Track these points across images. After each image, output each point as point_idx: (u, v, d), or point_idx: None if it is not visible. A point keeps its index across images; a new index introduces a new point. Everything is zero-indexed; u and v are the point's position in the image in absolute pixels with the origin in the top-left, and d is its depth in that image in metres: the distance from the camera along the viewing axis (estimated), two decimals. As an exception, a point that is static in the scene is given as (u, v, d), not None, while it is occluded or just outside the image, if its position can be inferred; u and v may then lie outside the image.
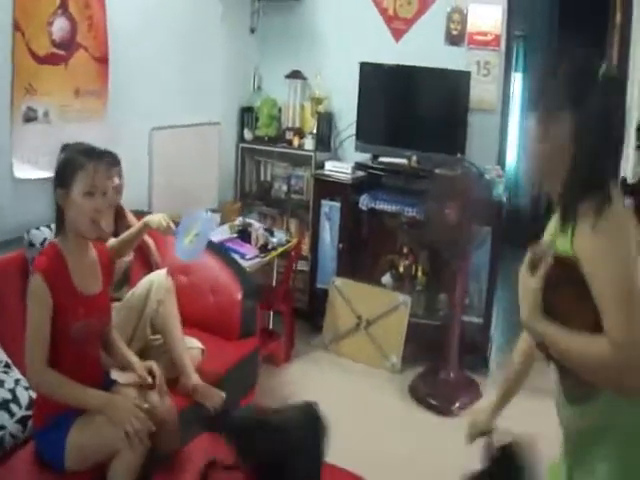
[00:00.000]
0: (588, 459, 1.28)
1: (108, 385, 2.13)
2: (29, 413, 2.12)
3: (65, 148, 2.05)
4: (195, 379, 2.53)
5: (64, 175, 1.98)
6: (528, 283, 1.26)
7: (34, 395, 2.13)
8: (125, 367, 2.21)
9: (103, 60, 3.09)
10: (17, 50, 2.65)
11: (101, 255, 2.15)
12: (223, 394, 2.59)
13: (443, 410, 3.41)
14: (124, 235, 2.51)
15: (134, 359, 2.23)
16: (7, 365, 2.23)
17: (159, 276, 2.62)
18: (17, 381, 2.20)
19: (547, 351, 1.28)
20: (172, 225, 2.50)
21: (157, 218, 2.49)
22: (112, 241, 2.48)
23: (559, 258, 1.24)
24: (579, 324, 1.20)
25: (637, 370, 1.12)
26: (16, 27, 2.63)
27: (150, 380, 2.16)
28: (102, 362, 2.20)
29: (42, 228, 2.68)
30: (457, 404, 3.43)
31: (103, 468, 1.94)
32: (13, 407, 2.12)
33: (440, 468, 2.79)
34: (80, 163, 1.96)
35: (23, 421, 2.12)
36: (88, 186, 1.95)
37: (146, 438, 1.94)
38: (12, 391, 2.16)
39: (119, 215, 2.88)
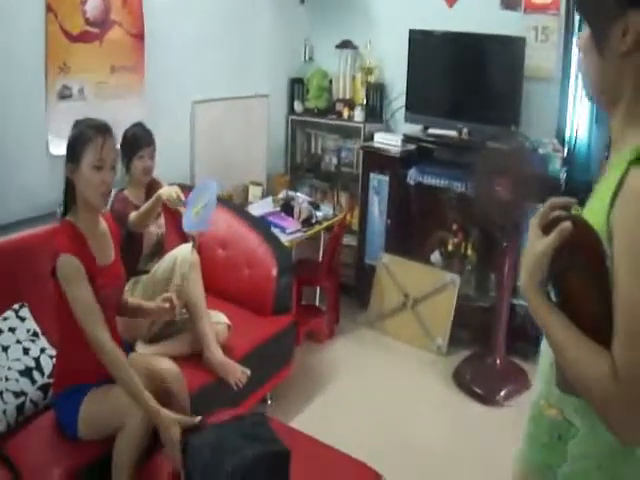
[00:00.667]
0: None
1: (126, 352, 2.14)
2: (51, 381, 2.17)
3: (77, 124, 2.05)
4: (218, 354, 2.52)
5: (74, 150, 1.99)
6: (536, 243, 1.00)
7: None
8: (143, 314, 2.28)
9: (139, 36, 3.09)
10: (50, 30, 2.68)
11: (109, 224, 2.18)
12: (248, 371, 2.59)
13: (487, 399, 3.26)
14: (141, 209, 2.53)
15: (147, 302, 2.28)
16: (35, 334, 2.29)
17: (184, 249, 2.62)
18: (42, 350, 2.26)
19: None
20: (182, 197, 2.51)
21: (168, 190, 2.50)
22: (132, 214, 2.49)
23: (581, 225, 0.96)
24: (581, 315, 0.97)
25: (631, 415, 0.90)
26: (49, 8, 2.66)
27: (167, 306, 2.17)
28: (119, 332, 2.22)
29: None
30: (502, 393, 3.27)
31: (113, 441, 1.96)
32: (36, 375, 2.18)
33: (477, 459, 2.69)
34: (89, 137, 1.97)
35: (44, 389, 2.18)
36: (96, 159, 1.96)
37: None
38: (36, 359, 2.22)
39: (153, 189, 2.89)
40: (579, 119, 3.75)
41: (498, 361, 3.40)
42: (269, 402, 3.02)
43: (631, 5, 0.94)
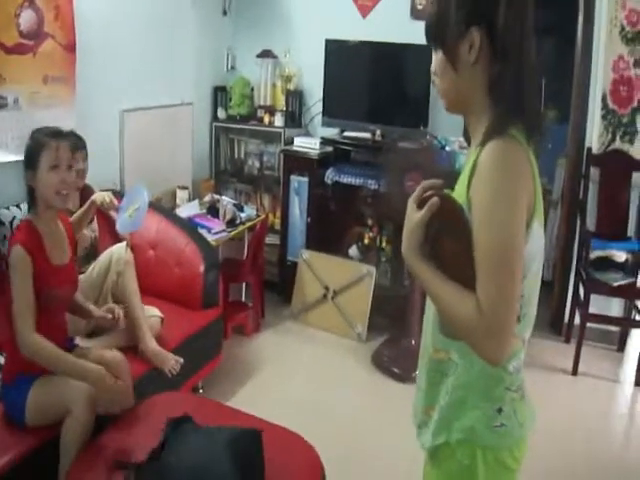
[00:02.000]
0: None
1: (71, 349, 2.33)
2: (-2, 375, 2.31)
3: (33, 133, 2.22)
4: (152, 345, 2.71)
5: (31, 157, 2.16)
6: (412, 216, 1.21)
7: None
8: (87, 316, 2.46)
9: (70, 48, 3.23)
10: (-15, 43, 2.81)
11: (67, 227, 2.34)
12: (181, 359, 2.79)
13: (404, 377, 3.55)
14: (76, 214, 2.68)
15: (93, 308, 2.44)
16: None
17: (119, 248, 2.81)
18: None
19: None
20: (115, 201, 2.69)
21: (102, 195, 2.68)
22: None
23: (446, 200, 1.18)
24: (452, 269, 1.17)
25: (492, 339, 1.10)
26: (-16, 22, 2.79)
27: (110, 317, 2.38)
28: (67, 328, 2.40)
29: (11, 208, 2.89)
30: (417, 371, 3.57)
31: (60, 425, 2.11)
32: (-18, 369, 2.31)
33: (396, 428, 2.95)
34: (44, 142, 2.14)
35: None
36: (53, 160, 2.13)
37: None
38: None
39: (86, 195, 3.05)
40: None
41: (413, 342, 3.70)
42: (200, 390, 3.22)
43: (472, 24, 1.18)
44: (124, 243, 2.87)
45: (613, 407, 3.53)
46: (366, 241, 4.16)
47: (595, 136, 3.88)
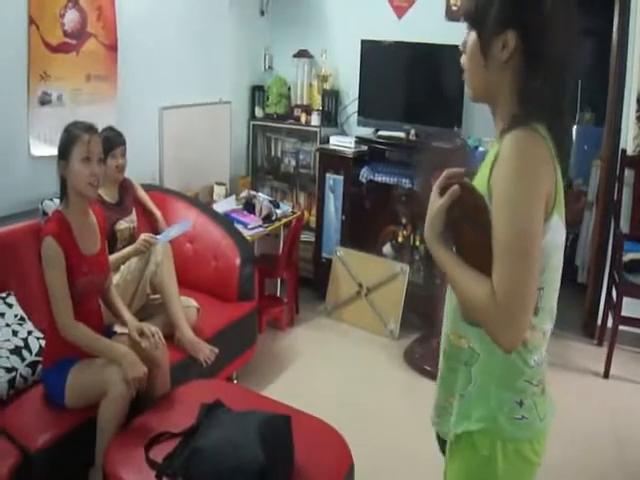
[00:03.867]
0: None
1: (109, 335, 2.42)
2: (39, 359, 2.40)
3: (67, 126, 2.31)
4: (189, 334, 2.79)
5: (64, 148, 2.25)
6: (434, 202, 1.22)
7: (44, 343, 2.43)
8: (121, 322, 2.49)
9: (112, 47, 3.35)
10: (32, 42, 2.93)
11: (98, 217, 2.43)
12: (216, 349, 2.86)
13: (435, 374, 3.54)
14: (118, 255, 2.85)
15: (129, 317, 2.48)
16: (22, 318, 2.52)
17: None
18: (30, 332, 2.49)
19: None
20: (154, 237, 2.90)
21: (143, 241, 2.88)
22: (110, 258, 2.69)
23: (467, 188, 1.19)
24: (471, 255, 1.19)
25: (505, 326, 1.11)
26: (31, 21, 2.91)
27: (139, 339, 2.38)
28: (104, 316, 2.48)
29: (55, 200, 2.97)
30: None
31: (97, 407, 2.19)
32: (25, 353, 2.41)
33: (427, 427, 2.98)
34: (76, 135, 2.23)
35: (33, 365, 2.40)
36: (84, 152, 2.22)
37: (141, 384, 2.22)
38: (24, 340, 2.45)
39: (125, 188, 3.15)
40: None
41: (443, 341, 3.72)
42: (235, 381, 3.29)
43: (508, 26, 1.19)
44: (163, 235, 2.97)
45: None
46: (400, 239, 4.18)
47: (630, 138, 3.84)
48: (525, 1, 1.19)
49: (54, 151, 2.29)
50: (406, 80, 4.20)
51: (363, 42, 4.21)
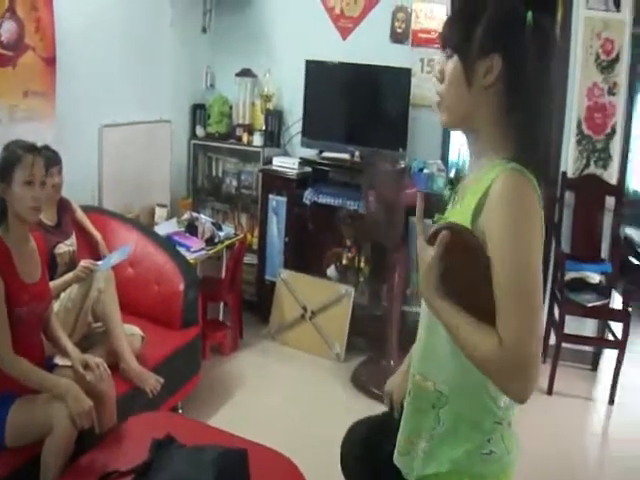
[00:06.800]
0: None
1: (50, 368, 2.27)
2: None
3: (7, 146, 2.18)
4: (134, 364, 2.66)
5: (5, 169, 2.11)
6: (425, 254, 1.19)
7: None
8: (63, 353, 2.34)
9: (51, 60, 3.20)
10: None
11: (38, 242, 2.29)
12: (162, 379, 2.74)
13: (383, 397, 3.54)
14: (57, 282, 2.67)
15: (71, 348, 2.34)
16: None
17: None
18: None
19: None
20: (95, 263, 2.73)
21: (82, 267, 2.70)
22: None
23: (456, 231, 1.16)
24: (472, 301, 1.15)
25: (518, 377, 1.09)
26: (-36, 31, 2.75)
27: (83, 372, 2.25)
28: (45, 347, 2.34)
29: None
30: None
31: (40, 446, 2.05)
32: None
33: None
34: (19, 156, 2.10)
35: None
36: (27, 176, 2.09)
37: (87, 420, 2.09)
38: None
39: (64, 209, 3.01)
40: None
41: (392, 363, 3.70)
42: (180, 410, 3.16)
43: (494, 50, 1.18)
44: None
45: (588, 425, 3.57)
46: (344, 261, 4.15)
47: (570, 161, 3.97)
48: (511, 23, 1.19)
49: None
50: (351, 101, 4.19)
51: (308, 62, 4.18)
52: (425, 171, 3.95)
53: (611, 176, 3.93)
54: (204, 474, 1.83)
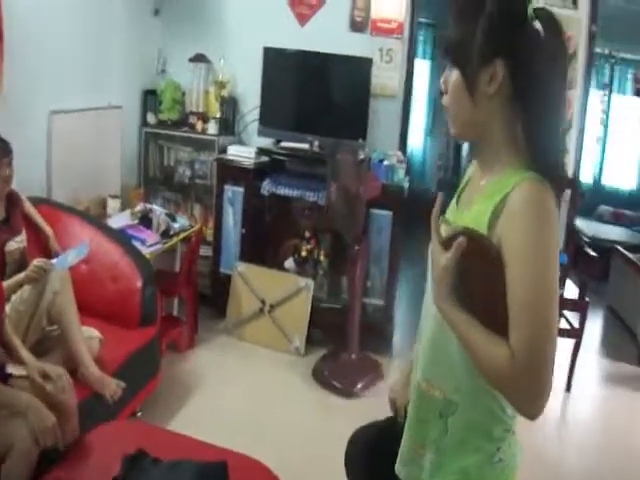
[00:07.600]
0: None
1: (4, 379, 2.11)
2: None
3: None
4: (93, 369, 2.52)
5: None
6: (439, 259, 1.16)
7: None
8: (18, 361, 2.19)
9: (-2, 37, 2.97)
10: None
11: None
12: (123, 384, 2.61)
13: (345, 391, 3.50)
14: (9, 282, 2.47)
15: (26, 355, 2.20)
16: None
17: (55, 265, 2.59)
18: None
19: None
20: (50, 264, 2.52)
21: (35, 267, 2.48)
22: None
23: (473, 237, 1.13)
24: (486, 311, 1.13)
25: (530, 392, 1.07)
26: None
27: (42, 383, 2.11)
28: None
29: None
30: (359, 385, 3.53)
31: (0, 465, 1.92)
32: None
33: (342, 444, 2.91)
34: None
35: None
36: None
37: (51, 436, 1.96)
38: None
39: (13, 203, 2.83)
40: (415, 133, 4.16)
41: (353, 356, 3.67)
42: (139, 414, 3.03)
43: (496, 56, 1.13)
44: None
45: (546, 412, 3.62)
46: (303, 253, 4.07)
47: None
48: (512, 24, 1.14)
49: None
50: (310, 90, 4.10)
51: (266, 49, 4.06)
52: (385, 162, 3.93)
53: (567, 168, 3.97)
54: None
